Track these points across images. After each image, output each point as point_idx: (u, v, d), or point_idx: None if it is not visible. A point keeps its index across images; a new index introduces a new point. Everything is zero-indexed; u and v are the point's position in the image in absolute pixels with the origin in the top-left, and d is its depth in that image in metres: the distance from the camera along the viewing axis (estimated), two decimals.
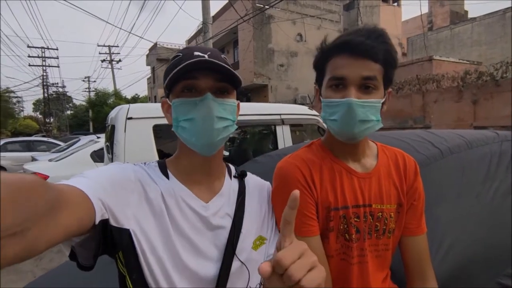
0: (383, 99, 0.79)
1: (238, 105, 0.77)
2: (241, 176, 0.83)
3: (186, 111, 0.68)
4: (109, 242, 0.61)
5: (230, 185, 0.79)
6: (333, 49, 0.79)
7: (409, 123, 10.33)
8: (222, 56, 0.74)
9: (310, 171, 0.83)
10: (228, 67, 0.67)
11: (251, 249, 0.74)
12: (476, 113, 8.76)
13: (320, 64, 0.84)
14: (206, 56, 0.68)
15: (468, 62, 13.07)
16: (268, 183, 0.89)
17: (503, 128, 7.60)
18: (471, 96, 8.86)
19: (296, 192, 0.47)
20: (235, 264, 0.71)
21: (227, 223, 0.73)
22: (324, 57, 0.81)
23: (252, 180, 0.85)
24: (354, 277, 0.81)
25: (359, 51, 0.74)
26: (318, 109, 0.93)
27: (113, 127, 2.79)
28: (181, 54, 0.71)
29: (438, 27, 20.23)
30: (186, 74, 0.66)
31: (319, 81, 0.86)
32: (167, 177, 0.73)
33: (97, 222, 0.56)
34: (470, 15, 21.94)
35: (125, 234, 0.62)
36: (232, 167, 0.85)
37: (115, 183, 0.63)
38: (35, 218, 0.40)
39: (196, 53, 0.69)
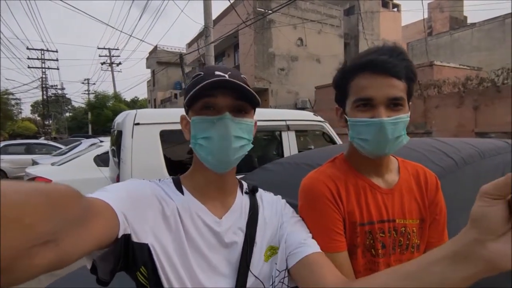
0: (409, 113, 0.79)
1: (255, 124, 0.78)
2: (252, 192, 0.83)
3: (204, 129, 0.69)
4: (130, 258, 0.61)
5: (241, 201, 0.79)
6: (356, 69, 0.79)
7: (410, 128, 10.34)
8: (242, 76, 0.75)
9: (336, 186, 0.83)
10: (248, 87, 0.69)
11: (263, 261, 0.74)
12: (477, 119, 8.78)
13: (341, 84, 0.84)
14: (226, 76, 0.69)
15: (468, 68, 13.12)
16: (279, 196, 0.89)
17: (504, 134, 7.63)
18: (472, 102, 8.89)
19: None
20: (250, 279, 0.71)
21: (240, 238, 0.73)
22: (346, 77, 0.82)
23: (264, 195, 0.86)
24: None
25: (383, 70, 0.74)
26: (338, 126, 0.92)
27: (119, 132, 2.79)
28: (202, 73, 0.73)
29: (438, 32, 20.36)
30: (206, 92, 0.67)
31: (340, 100, 0.86)
32: (182, 192, 0.73)
33: (119, 235, 0.57)
34: (469, 21, 22.09)
35: (145, 249, 0.63)
36: (244, 183, 0.85)
37: (134, 198, 0.64)
38: (68, 228, 0.41)
39: (217, 72, 0.70)
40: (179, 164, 2.81)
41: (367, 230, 0.81)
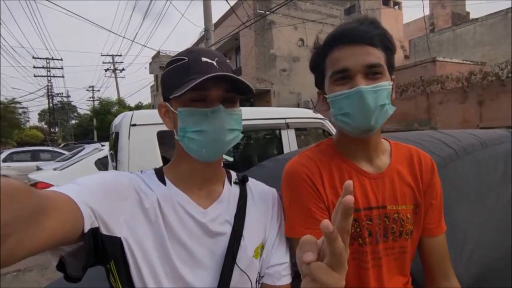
0: (391, 83, 0.76)
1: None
2: (242, 182, 0.80)
3: (196, 122, 0.66)
4: (100, 251, 0.59)
5: (230, 191, 0.77)
6: (328, 44, 0.77)
7: (414, 125, 10.24)
8: (228, 61, 0.73)
9: (319, 170, 0.79)
10: (239, 78, 0.66)
11: (252, 257, 0.71)
12: (482, 114, 8.67)
13: (317, 64, 0.81)
14: (214, 62, 0.67)
15: (472, 63, 12.99)
16: (273, 189, 0.86)
17: (510, 128, 7.50)
18: (477, 96, 8.78)
19: (349, 182, 0.42)
20: (236, 273, 0.68)
21: (227, 229, 0.71)
22: (320, 55, 0.79)
23: (255, 186, 0.82)
24: (371, 281, 0.77)
25: (356, 38, 0.72)
26: (323, 113, 0.91)
27: (117, 134, 2.78)
28: (186, 58, 0.68)
29: (440, 28, 20.20)
30: (197, 84, 0.64)
31: (320, 83, 0.83)
32: (164, 183, 0.71)
33: (86, 230, 0.54)
34: (471, 16, 21.90)
35: (116, 242, 0.60)
36: (233, 173, 0.82)
37: (108, 189, 0.62)
38: (16, 224, 0.39)
39: (203, 58, 0.67)
40: None
41: (353, 218, 0.76)
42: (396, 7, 24.76)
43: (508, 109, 7.96)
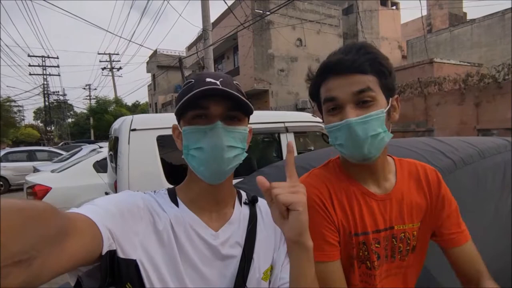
0: (386, 108, 0.74)
1: (250, 130, 0.75)
2: (252, 203, 0.80)
3: (196, 140, 0.67)
4: (117, 274, 0.59)
5: (240, 212, 0.77)
6: (319, 76, 0.78)
7: (412, 127, 10.28)
8: (235, 82, 0.72)
9: (328, 191, 0.79)
10: (240, 95, 0.66)
11: (260, 279, 0.72)
12: (479, 116, 8.71)
13: (315, 94, 0.82)
14: (218, 82, 0.67)
15: (469, 64, 13.04)
16: None
17: (507, 130, 7.55)
18: (474, 98, 8.82)
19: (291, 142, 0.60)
20: None
21: (237, 252, 0.71)
22: (315, 86, 0.80)
23: (264, 206, 0.82)
24: None
25: (342, 69, 0.71)
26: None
27: (116, 138, 2.78)
28: (193, 80, 0.70)
29: (437, 29, 20.28)
30: (197, 101, 0.65)
31: (320, 108, 0.84)
32: (177, 204, 0.71)
33: (104, 252, 0.55)
34: (469, 17, 22.00)
35: (132, 265, 0.60)
36: (243, 193, 0.82)
37: (124, 211, 0.62)
38: (42, 246, 0.39)
39: (208, 79, 0.68)
40: (177, 169, 2.79)
41: (361, 241, 0.77)
42: (394, 7, 24.79)
43: (504, 111, 8.01)
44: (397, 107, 0.80)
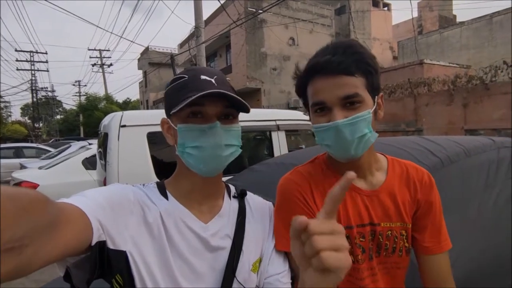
0: (373, 108, 0.75)
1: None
2: (240, 196, 0.82)
3: (194, 138, 0.68)
4: (106, 265, 0.60)
5: (229, 206, 0.78)
6: (306, 74, 0.77)
7: (402, 126, 10.42)
8: (227, 79, 0.74)
9: (310, 188, 0.80)
10: (235, 95, 0.67)
11: (250, 271, 0.73)
12: (466, 116, 8.88)
13: (301, 91, 0.82)
14: (213, 80, 0.69)
15: (457, 66, 13.28)
16: (270, 203, 0.87)
17: (493, 131, 7.73)
18: (462, 99, 8.99)
19: (352, 174, 0.46)
20: (235, 286, 0.70)
21: (227, 244, 0.72)
22: (302, 83, 0.80)
23: (253, 200, 0.84)
24: None
25: (330, 70, 0.71)
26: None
27: (106, 134, 2.74)
28: (186, 76, 0.70)
29: (428, 31, 20.57)
30: (194, 100, 0.65)
31: (306, 105, 0.84)
32: (166, 198, 0.72)
33: (93, 243, 0.55)
34: (458, 19, 22.37)
35: (122, 256, 0.61)
36: (232, 187, 0.84)
37: (114, 203, 0.62)
38: (34, 235, 0.40)
39: (202, 76, 0.69)
40: (167, 165, 2.78)
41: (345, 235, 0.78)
42: (386, 8, 25.05)
43: (491, 112, 8.19)
44: (381, 105, 0.80)
